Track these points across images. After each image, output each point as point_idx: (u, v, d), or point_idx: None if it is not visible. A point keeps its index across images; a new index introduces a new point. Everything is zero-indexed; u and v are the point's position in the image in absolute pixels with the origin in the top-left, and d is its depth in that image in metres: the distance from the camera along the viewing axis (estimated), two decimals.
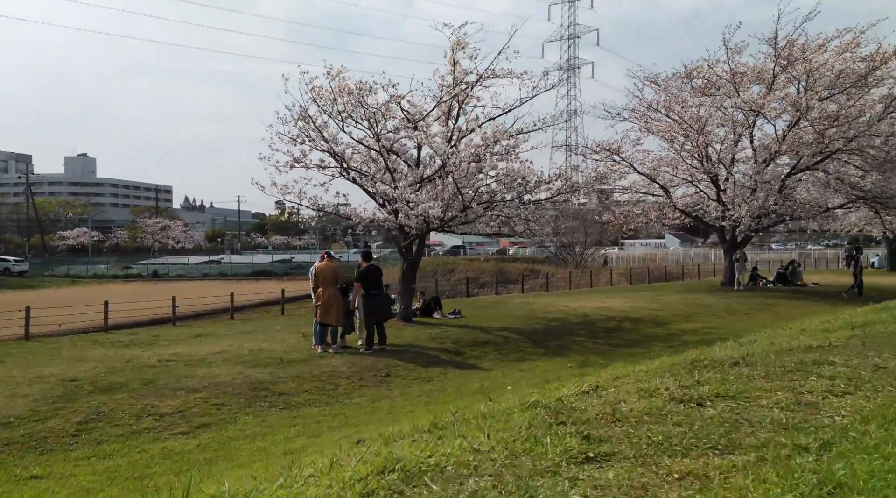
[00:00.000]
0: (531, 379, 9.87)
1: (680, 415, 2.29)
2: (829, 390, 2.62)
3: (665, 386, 2.76)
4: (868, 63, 22.29)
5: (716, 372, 2.99)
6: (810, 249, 73.71)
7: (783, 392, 2.55)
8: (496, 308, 19.20)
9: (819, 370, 2.92)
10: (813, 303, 22.04)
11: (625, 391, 2.78)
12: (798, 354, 3.37)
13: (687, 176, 26.04)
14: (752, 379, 2.82)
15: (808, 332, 5.65)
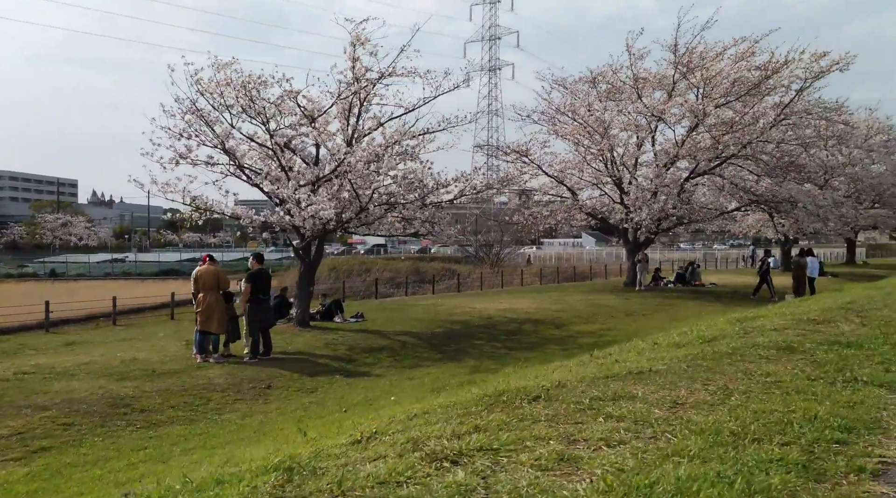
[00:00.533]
0: (419, 388, 9.56)
1: (419, 482, 2.00)
2: (606, 438, 2.41)
3: (439, 433, 2.48)
4: (762, 72, 23.34)
5: (507, 411, 2.75)
6: (716, 249, 77.42)
7: (556, 441, 2.31)
8: (402, 310, 18.86)
9: (613, 408, 2.73)
10: (708, 303, 22.90)
11: (391, 443, 2.47)
12: (610, 384, 3.19)
13: (592, 179, 26.55)
14: (535, 421, 2.59)
15: (659, 346, 5.61)
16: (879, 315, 5.57)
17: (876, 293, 8.07)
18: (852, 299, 6.27)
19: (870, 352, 3.99)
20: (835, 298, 7.53)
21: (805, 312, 5.95)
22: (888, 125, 39.43)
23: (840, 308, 5.92)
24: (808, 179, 27.86)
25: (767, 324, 5.73)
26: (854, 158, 33.37)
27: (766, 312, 7.21)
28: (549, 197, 28.22)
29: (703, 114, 23.57)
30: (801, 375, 3.19)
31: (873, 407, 2.77)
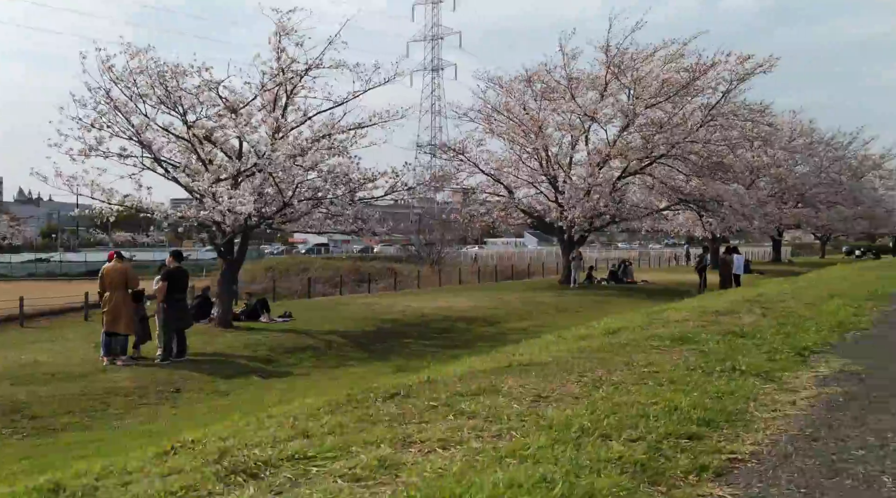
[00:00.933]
0: (339, 388, 9.22)
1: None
2: (446, 439, 2.21)
3: (258, 440, 2.24)
4: (690, 73, 23.91)
5: (351, 412, 2.53)
6: (651, 247, 79.48)
7: (388, 445, 2.11)
8: (334, 309, 18.44)
9: (469, 404, 2.56)
10: (639, 300, 23.29)
11: (199, 453, 2.21)
12: (485, 378, 3.03)
13: (528, 177, 26.68)
14: (376, 423, 2.39)
15: (564, 338, 5.52)
16: (782, 307, 5.64)
17: (788, 287, 8.26)
18: (762, 292, 6.36)
19: (760, 342, 3.99)
20: (748, 291, 7.65)
21: (713, 305, 5.97)
22: (811, 128, 41.22)
23: (748, 301, 5.99)
24: (735, 179, 28.79)
25: (673, 316, 5.72)
26: (778, 159, 34.70)
27: (677, 305, 7.25)
28: (486, 195, 28.24)
29: (634, 114, 24.00)
30: (682, 365, 3.11)
31: (742, 398, 2.69)
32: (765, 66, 24.27)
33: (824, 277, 9.37)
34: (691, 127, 24.61)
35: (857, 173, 45.76)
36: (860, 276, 9.73)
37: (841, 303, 5.91)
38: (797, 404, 2.69)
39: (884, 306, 5.99)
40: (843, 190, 40.34)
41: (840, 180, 40.32)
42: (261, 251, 76.31)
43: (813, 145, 39.88)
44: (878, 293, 6.92)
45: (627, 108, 24.23)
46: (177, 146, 14.55)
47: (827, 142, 42.61)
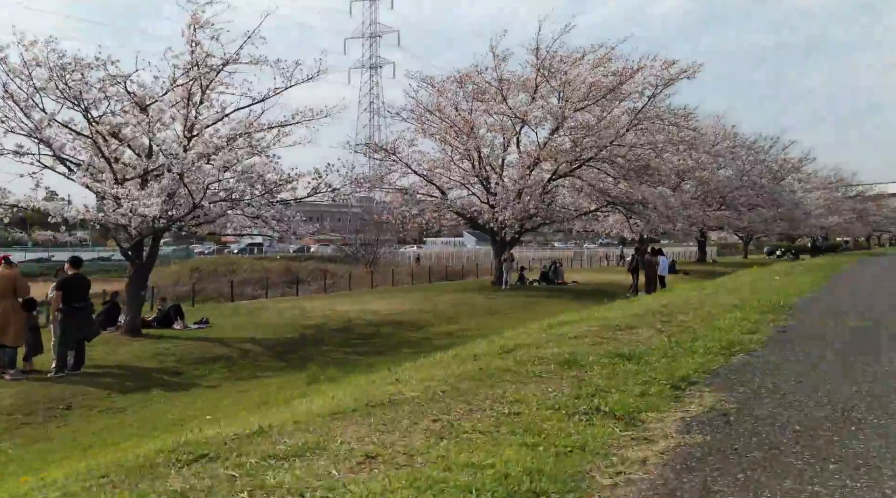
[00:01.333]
0: (246, 402, 8.80)
1: None
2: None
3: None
4: (617, 77, 24.29)
5: (131, 488, 2.17)
6: (586, 247, 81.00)
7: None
8: (256, 314, 17.79)
9: (279, 474, 2.15)
10: (568, 300, 23.53)
11: None
12: (317, 427, 2.71)
13: (460, 178, 26.58)
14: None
15: (459, 357, 5.32)
16: (681, 320, 5.58)
17: (696, 295, 8.32)
18: (667, 303, 6.31)
19: (643, 367, 3.81)
20: (658, 299, 7.65)
21: (615, 318, 5.87)
22: (733, 132, 42.80)
23: (652, 312, 5.90)
24: (661, 182, 29.49)
25: (571, 331, 5.59)
26: (703, 163, 35.80)
27: (579, 318, 7.15)
28: (419, 196, 27.97)
29: (563, 117, 24.21)
30: (550, 401, 2.89)
31: (591, 453, 2.42)
32: (689, 71, 24.94)
33: (736, 283, 9.52)
34: (618, 131, 25.03)
35: (777, 176, 47.83)
36: (771, 280, 9.94)
37: (740, 316, 5.87)
38: (647, 463, 2.46)
39: (781, 321, 5.99)
40: (763, 193, 42.00)
41: (761, 183, 41.96)
42: (190, 251, 73.81)
43: (736, 149, 41.39)
44: (781, 304, 6.93)
45: (557, 111, 24.42)
46: (81, 144, 13.68)
47: (749, 146, 44.34)
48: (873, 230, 77.94)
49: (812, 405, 3.33)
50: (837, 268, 15.30)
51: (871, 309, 7.30)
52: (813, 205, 53.77)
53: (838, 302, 8.22)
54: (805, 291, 8.25)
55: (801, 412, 3.19)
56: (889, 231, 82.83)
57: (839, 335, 5.34)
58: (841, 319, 6.28)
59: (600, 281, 31.11)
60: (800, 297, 8.37)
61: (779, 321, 5.90)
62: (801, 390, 3.61)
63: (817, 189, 57.95)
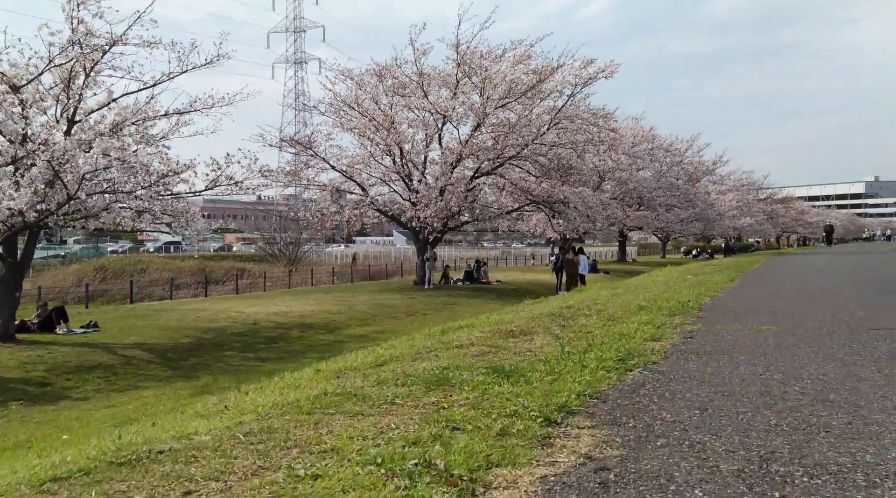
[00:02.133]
0: (114, 417, 7.82)
1: None
2: None
3: None
4: (537, 75, 24.12)
5: None
6: (515, 246, 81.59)
7: None
8: (153, 317, 16.50)
9: None
10: (490, 300, 23.20)
11: None
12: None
13: (380, 175, 25.84)
14: None
15: (321, 373, 4.68)
16: (582, 324, 5.03)
17: (606, 294, 7.94)
18: (571, 304, 5.84)
19: (522, 387, 3.15)
20: (566, 299, 7.23)
21: (512, 321, 5.31)
22: (651, 135, 43.78)
23: (553, 315, 5.35)
24: (582, 182, 29.66)
25: (463, 337, 5.00)
26: (622, 163, 36.36)
27: (477, 322, 6.59)
28: (339, 193, 27.04)
29: (485, 114, 23.87)
30: (370, 452, 2.17)
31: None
32: (607, 71, 25.04)
33: (648, 282, 9.28)
34: (539, 129, 24.90)
35: (693, 178, 49.35)
36: (683, 279, 9.75)
37: (645, 319, 5.41)
38: None
39: (689, 324, 5.56)
40: (679, 194, 43.18)
41: (677, 185, 43.13)
42: (101, 249, 69.92)
43: (654, 151, 42.36)
44: (690, 305, 6.55)
45: (478, 107, 24.05)
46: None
47: (666, 148, 45.52)
48: (783, 231, 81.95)
49: (721, 452, 2.48)
50: (747, 266, 15.39)
51: (781, 310, 7.05)
52: (726, 206, 55.88)
53: (749, 302, 7.97)
54: (716, 291, 7.98)
55: (706, 464, 2.36)
56: (796, 232, 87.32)
57: (752, 343, 4.91)
58: (753, 321, 5.89)
59: (525, 280, 31.04)
60: (711, 297, 8.06)
61: (686, 325, 5.46)
62: (705, 425, 2.80)
63: (730, 191, 60.31)
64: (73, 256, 62.52)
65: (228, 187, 14.96)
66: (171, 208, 12.90)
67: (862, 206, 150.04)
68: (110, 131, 12.06)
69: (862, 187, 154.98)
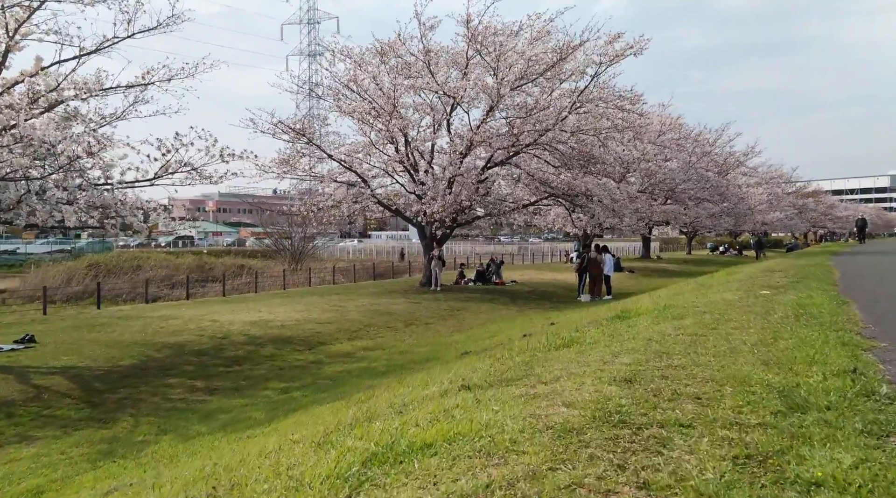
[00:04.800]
0: None
1: None
2: None
3: None
4: (557, 53, 21.47)
5: None
6: (532, 242, 78.84)
7: None
8: (107, 328, 14.15)
9: None
10: (502, 305, 20.65)
11: None
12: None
13: (383, 165, 23.37)
14: None
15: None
16: (675, 465, 2.53)
17: (672, 330, 5.27)
18: (631, 370, 3.41)
19: None
20: (606, 358, 4.60)
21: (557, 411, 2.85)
22: (679, 124, 40.87)
23: (595, 420, 2.84)
24: (605, 173, 26.98)
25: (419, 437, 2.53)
26: (648, 154, 33.58)
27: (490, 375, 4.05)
28: (335, 184, 24.65)
29: (499, 96, 21.27)
30: None
31: None
32: (636, 47, 22.28)
33: (719, 303, 6.75)
34: (560, 113, 22.27)
35: (723, 170, 46.33)
36: (771, 303, 7.08)
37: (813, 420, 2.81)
38: None
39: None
40: (709, 186, 40.28)
41: (707, 177, 40.22)
42: (109, 244, 68.48)
43: (681, 141, 39.48)
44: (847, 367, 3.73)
45: (492, 88, 21.46)
46: None
47: (695, 138, 42.60)
48: (812, 226, 78.46)
49: None
50: (825, 273, 11.95)
51: None
52: (756, 200, 52.79)
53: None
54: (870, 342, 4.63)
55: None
56: (825, 227, 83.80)
57: None
58: None
59: (542, 281, 28.44)
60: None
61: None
62: None
63: (760, 184, 57.15)
64: (79, 250, 60.94)
65: (189, 176, 12.53)
66: (98, 200, 10.51)
67: (888, 200, 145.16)
68: (27, 105, 9.67)
69: (887, 181, 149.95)
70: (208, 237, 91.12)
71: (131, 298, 30.44)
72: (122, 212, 10.75)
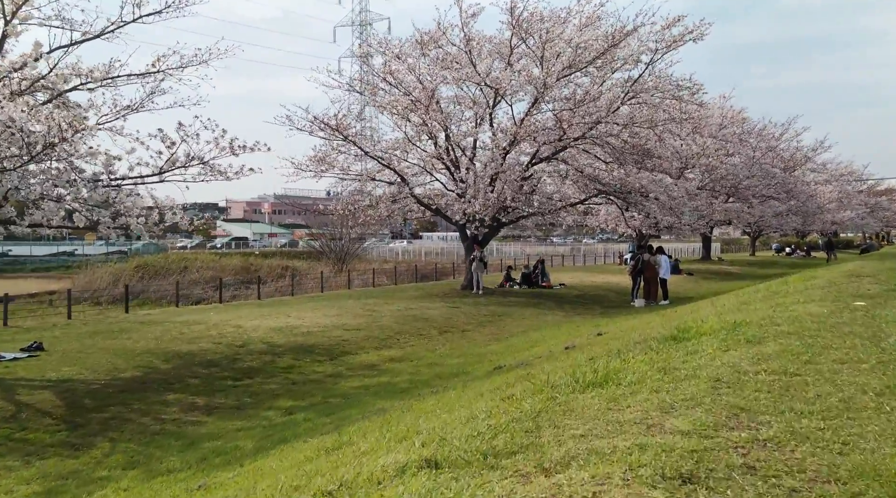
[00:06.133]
0: None
1: None
2: None
3: None
4: (608, 40, 19.88)
5: None
6: (585, 242, 76.51)
7: None
8: (125, 335, 13.42)
9: None
10: (548, 310, 19.19)
11: None
12: None
13: (420, 162, 22.23)
14: None
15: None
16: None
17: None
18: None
19: None
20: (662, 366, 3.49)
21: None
22: (741, 117, 38.38)
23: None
24: (661, 169, 25.14)
25: None
26: (708, 149, 31.43)
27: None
28: (373, 184, 23.67)
29: (544, 86, 19.81)
30: None
31: None
32: (695, 32, 20.48)
33: (804, 314, 5.35)
34: (612, 104, 20.67)
35: (789, 167, 43.44)
36: (871, 311, 5.57)
37: None
38: None
39: None
40: (775, 183, 37.65)
41: (773, 173, 37.60)
42: (160, 245, 69.72)
43: (744, 136, 37.02)
44: None
45: (538, 78, 20.03)
46: None
47: (759, 132, 39.99)
48: (885, 226, 73.52)
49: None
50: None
51: None
52: (826, 198, 49.47)
53: None
54: None
55: None
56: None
57: None
58: None
59: (593, 284, 26.78)
60: None
61: None
62: None
63: (829, 182, 53.63)
64: (134, 252, 62.14)
65: (203, 172, 11.63)
66: (83, 197, 9.62)
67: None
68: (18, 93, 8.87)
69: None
70: (263, 239, 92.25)
71: (173, 301, 30.23)
72: (122, 211, 9.88)
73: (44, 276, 46.08)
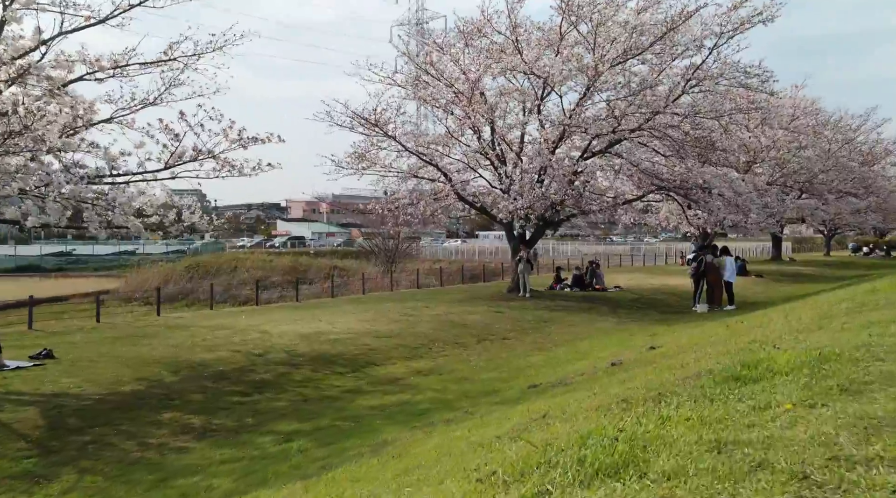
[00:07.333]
0: None
1: None
2: None
3: None
4: (667, 24, 18.22)
5: None
6: (646, 241, 73.63)
7: None
8: (145, 340, 12.77)
9: None
10: (599, 316, 17.71)
11: None
12: None
13: (461, 157, 21.04)
14: None
15: None
16: None
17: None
18: None
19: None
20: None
21: None
22: (815, 108, 35.55)
23: None
24: (727, 163, 23.18)
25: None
26: (779, 142, 29.07)
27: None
28: (415, 181, 22.62)
29: (596, 73, 18.31)
30: None
31: None
32: (765, 13, 18.55)
33: None
34: (671, 92, 19.00)
35: (868, 161, 40.15)
36: None
37: None
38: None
39: None
40: (853, 178, 34.74)
41: (850, 167, 34.68)
42: (220, 244, 70.65)
43: (818, 128, 34.23)
44: None
45: (588, 66, 18.55)
46: None
47: (834, 124, 36.99)
48: None
49: None
50: None
51: None
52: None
53: None
54: None
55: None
56: None
57: None
58: None
59: (651, 287, 25.04)
60: None
61: None
62: None
63: None
64: (194, 251, 63.10)
65: (217, 168, 10.80)
66: (71, 194, 8.85)
67: None
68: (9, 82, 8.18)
69: None
70: (321, 238, 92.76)
71: (223, 300, 29.96)
72: (117, 210, 9.10)
73: (105, 275, 47.04)
